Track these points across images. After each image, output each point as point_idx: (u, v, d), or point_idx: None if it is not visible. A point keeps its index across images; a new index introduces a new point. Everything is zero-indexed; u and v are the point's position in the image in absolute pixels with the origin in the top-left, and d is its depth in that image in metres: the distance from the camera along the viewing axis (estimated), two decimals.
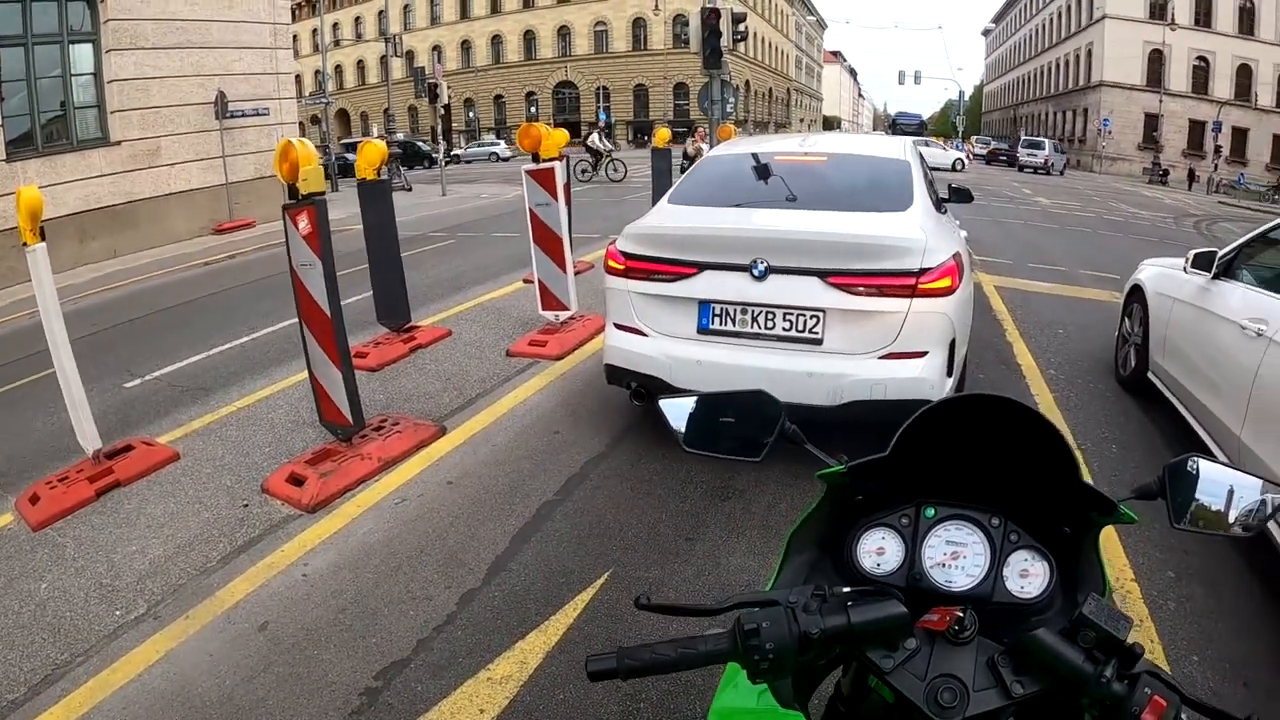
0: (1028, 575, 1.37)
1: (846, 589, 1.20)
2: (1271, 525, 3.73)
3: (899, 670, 1.15)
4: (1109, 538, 4.30)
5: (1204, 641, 3.54)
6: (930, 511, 1.44)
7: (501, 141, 56.75)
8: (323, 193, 5.14)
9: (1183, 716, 1.04)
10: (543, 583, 3.99)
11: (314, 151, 5.14)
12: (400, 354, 7.66)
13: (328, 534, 4.60)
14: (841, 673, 1.38)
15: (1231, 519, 1.36)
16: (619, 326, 5.17)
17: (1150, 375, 6.03)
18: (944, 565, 1.40)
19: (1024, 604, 1.35)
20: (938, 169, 42.84)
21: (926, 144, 48.49)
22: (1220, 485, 1.37)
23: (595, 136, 30.70)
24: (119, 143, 17.13)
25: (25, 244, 5.05)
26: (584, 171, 27.93)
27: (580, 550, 4.27)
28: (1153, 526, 4.41)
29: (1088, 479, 1.40)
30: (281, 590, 4.09)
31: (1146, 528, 4.43)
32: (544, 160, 7.76)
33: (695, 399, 1.65)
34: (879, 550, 1.43)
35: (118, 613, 4.03)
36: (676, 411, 1.64)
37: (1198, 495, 1.37)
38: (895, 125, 64.42)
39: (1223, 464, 1.42)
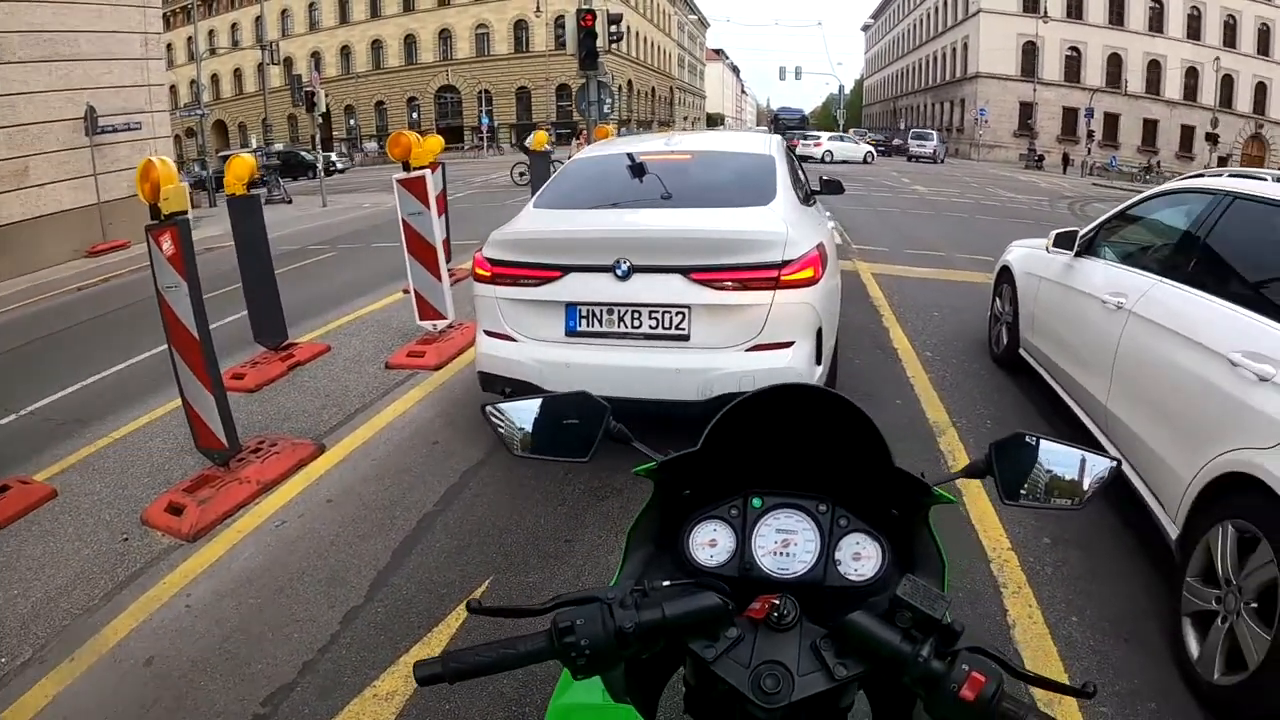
0: (860, 558, 1.44)
1: (666, 583, 1.24)
2: (1137, 481, 3.98)
3: (723, 659, 1.18)
4: (984, 509, 4.54)
5: (1083, 602, 3.76)
6: (758, 501, 1.50)
7: (333, 152, 53.94)
8: (185, 212, 5.07)
9: (1005, 689, 1.06)
10: (425, 595, 4.04)
11: (174, 170, 5.06)
12: (279, 373, 7.57)
13: (209, 562, 4.56)
14: (684, 666, 1.40)
15: (1057, 492, 1.45)
16: (489, 333, 5.22)
17: (1022, 352, 6.33)
18: (775, 553, 1.46)
19: (858, 586, 1.42)
20: (849, 161, 44.02)
21: (841, 138, 49.65)
22: (1048, 458, 1.46)
23: (573, 145, 29.77)
24: None
25: None
26: (522, 175, 26.74)
27: (461, 560, 4.33)
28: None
29: (899, 463, 1.46)
30: (166, 623, 4.06)
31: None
32: (415, 169, 7.74)
33: (524, 403, 1.67)
34: (711, 542, 1.49)
35: (2, 660, 3.95)
36: (506, 417, 1.66)
37: (1027, 470, 1.46)
38: (778, 120, 65.18)
39: (1053, 439, 1.50)
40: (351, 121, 74.96)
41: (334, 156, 50.05)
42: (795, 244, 4.64)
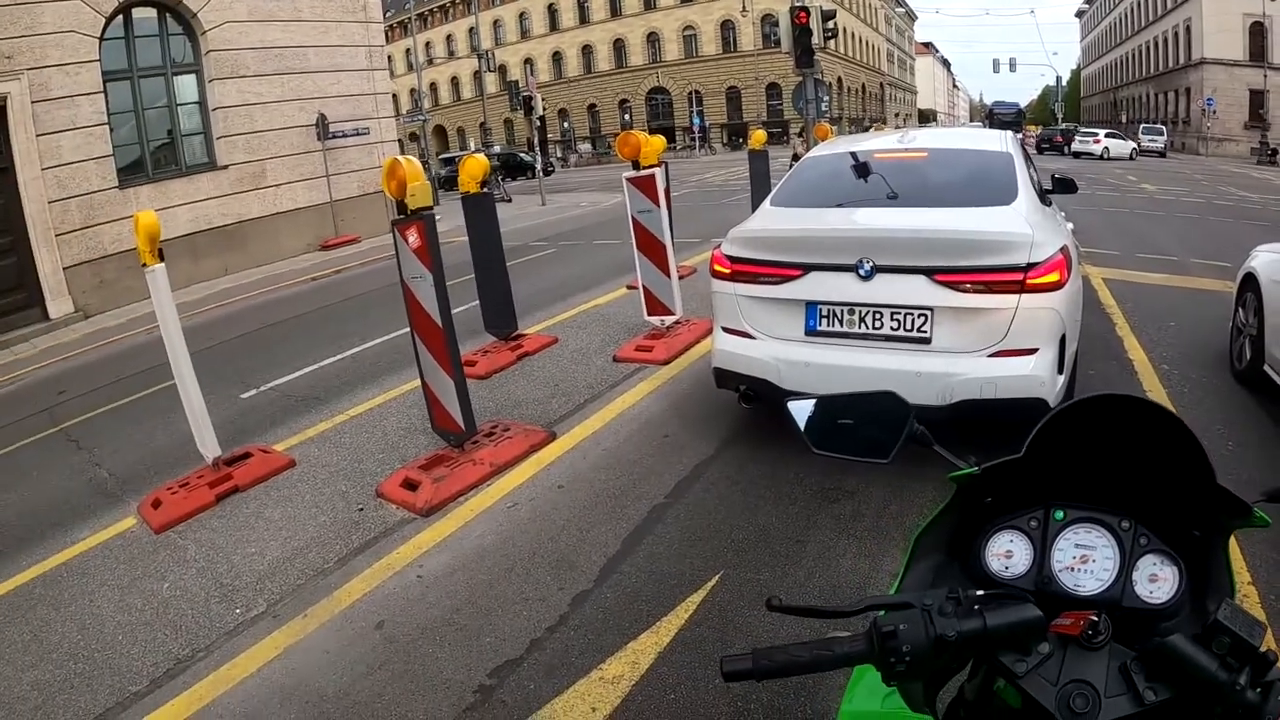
0: (1157, 580, 1.34)
1: (980, 592, 1.18)
2: None
3: (1031, 675, 1.13)
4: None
5: None
6: (1059, 514, 1.41)
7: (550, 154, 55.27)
8: (430, 207, 5.25)
9: None
10: (654, 584, 3.99)
11: (420, 168, 5.24)
12: (508, 361, 7.75)
13: (442, 537, 4.67)
14: (968, 676, 1.34)
15: None
16: (727, 330, 5.14)
17: (1267, 368, 5.76)
18: (1072, 569, 1.37)
19: (1153, 609, 1.32)
20: (1119, 158, 43.30)
21: (1114, 136, 48.95)
22: None
23: (795, 143, 28.67)
24: (226, 166, 17.79)
25: (145, 264, 5.27)
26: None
27: (691, 552, 4.25)
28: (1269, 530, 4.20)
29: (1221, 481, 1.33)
30: (397, 590, 4.17)
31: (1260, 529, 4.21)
32: (644, 167, 7.79)
33: (817, 401, 1.64)
34: (1007, 554, 1.41)
35: (238, 611, 4.16)
36: (802, 413, 1.63)
37: None
38: (993, 115, 62.98)
39: None
40: (565, 124, 76.96)
41: (553, 160, 51.49)
42: (1041, 246, 4.39)
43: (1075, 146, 48.88)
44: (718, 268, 5.11)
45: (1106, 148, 46.51)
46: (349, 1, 20.29)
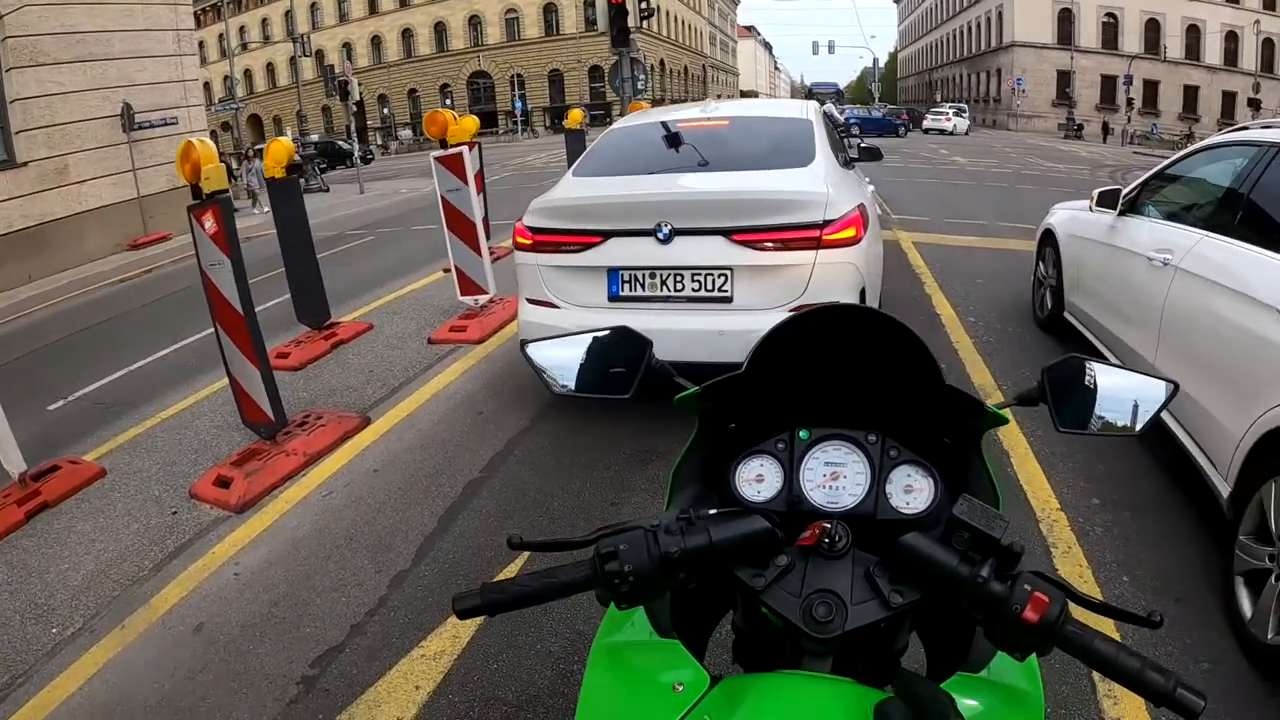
0: (912, 490, 1.38)
1: (712, 511, 1.18)
2: (1187, 440, 3.91)
3: (772, 588, 1.14)
4: (1032, 471, 4.49)
5: (1133, 563, 3.70)
6: (804, 434, 1.44)
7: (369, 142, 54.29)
8: (226, 190, 5.15)
9: (1069, 613, 1.01)
10: (471, 558, 4.07)
11: (214, 150, 5.13)
12: (322, 351, 7.65)
13: (257, 532, 4.62)
14: (734, 611, 1.37)
15: (1117, 417, 1.39)
16: (531, 301, 5.23)
17: (1066, 315, 6.24)
18: (824, 486, 1.40)
19: (910, 519, 1.35)
20: (955, 133, 45.25)
21: (958, 113, 50.94)
22: (1102, 383, 1.41)
23: (829, 107, 28.07)
24: (25, 164, 16.68)
25: None
26: None
27: (506, 524, 4.34)
28: (1074, 457, 4.59)
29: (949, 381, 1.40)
30: (214, 591, 4.12)
31: (1069, 458, 4.59)
32: (452, 145, 7.78)
33: (554, 342, 1.61)
34: (758, 478, 1.43)
35: (54, 630, 4.03)
36: (546, 356, 1.61)
37: (1081, 397, 1.40)
38: (812, 95, 64.86)
39: (1107, 363, 1.45)
40: (385, 110, 75.37)
41: (373, 147, 50.25)
42: (836, 204, 4.62)
43: (927, 124, 51.53)
44: (519, 239, 5.18)
45: (955, 124, 50.06)
46: None
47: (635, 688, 1.28)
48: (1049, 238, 6.80)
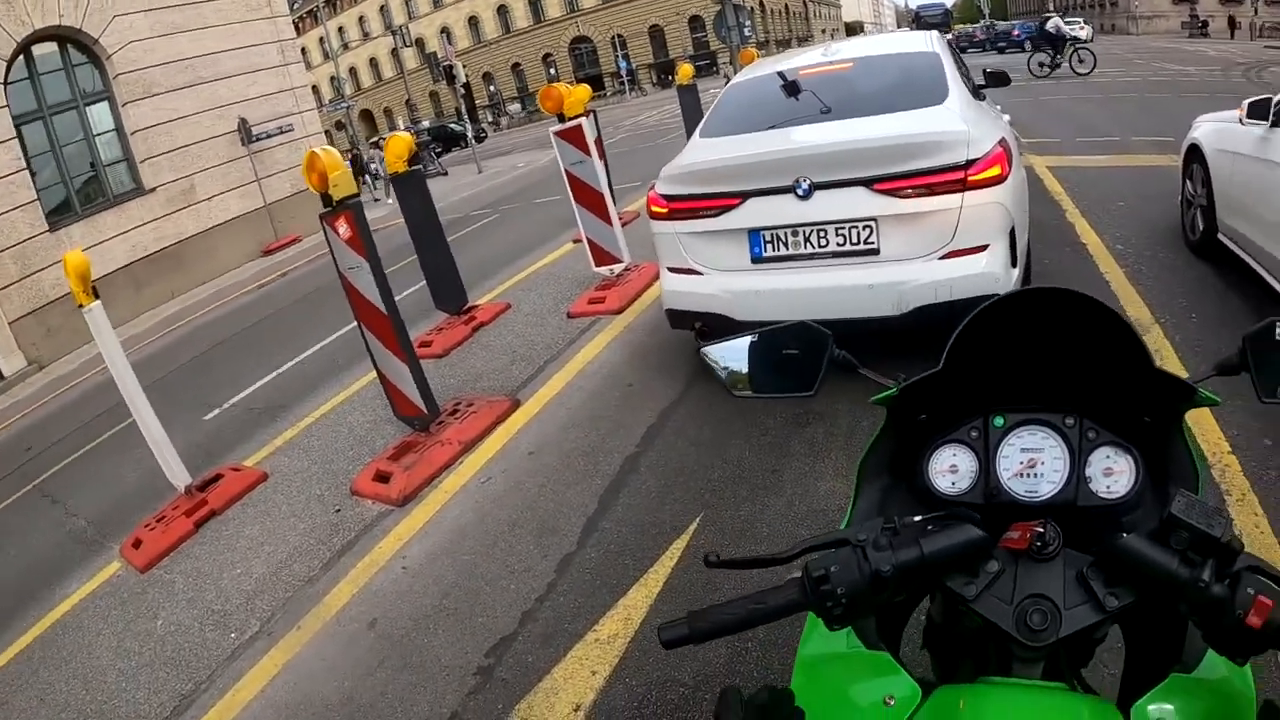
0: (1112, 474, 1.27)
1: (918, 518, 1.13)
2: None
3: (984, 596, 1.08)
4: (1199, 415, 4.11)
5: None
6: (999, 420, 1.34)
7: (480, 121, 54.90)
8: (356, 194, 5.17)
9: None
10: (636, 537, 3.98)
11: (339, 157, 5.15)
12: (464, 336, 7.67)
13: (421, 524, 4.64)
14: (929, 600, 1.32)
15: None
16: (673, 270, 5.08)
17: (1220, 237, 5.74)
18: (1022, 475, 1.30)
19: (1112, 504, 1.25)
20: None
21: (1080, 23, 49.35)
22: None
23: (1056, 22, 24.87)
24: (154, 189, 17.44)
25: (81, 305, 5.16)
26: (1041, 65, 24.04)
27: (669, 499, 4.24)
28: (1241, 394, 4.21)
29: (1160, 364, 1.28)
30: (385, 586, 4.15)
31: (1236, 396, 4.22)
32: (570, 118, 7.67)
33: (738, 341, 1.54)
34: (951, 469, 1.34)
35: (233, 635, 4.13)
36: (722, 357, 1.54)
37: None
38: (919, 19, 62.82)
39: None
40: (492, 88, 76.07)
41: (485, 125, 50.99)
42: (978, 141, 4.32)
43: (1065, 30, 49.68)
44: (654, 208, 5.04)
45: (1087, 31, 47.35)
46: (252, 0, 19.81)
47: (845, 704, 1.24)
48: (1195, 154, 6.25)
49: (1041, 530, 1.07)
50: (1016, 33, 48.10)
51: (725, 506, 4.04)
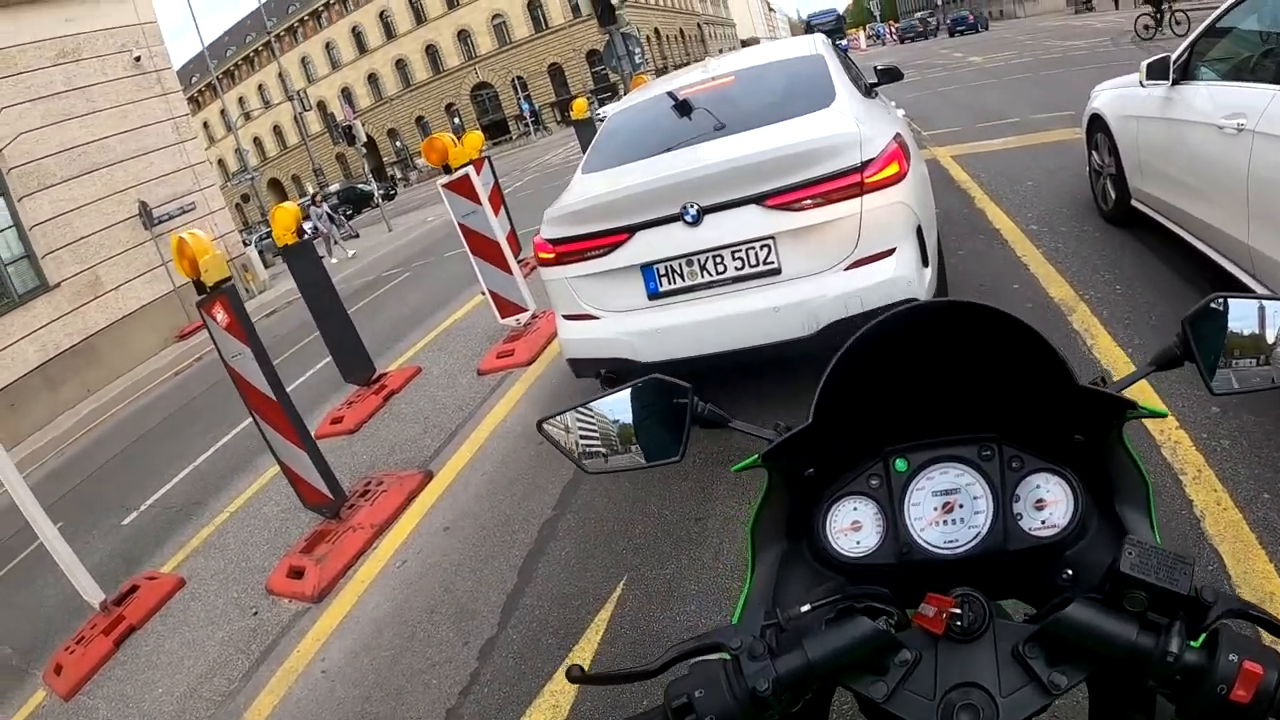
0: (1045, 505, 1.08)
1: (805, 608, 0.95)
2: None
3: (899, 694, 0.90)
4: (1139, 387, 4.03)
5: (1272, 474, 3.21)
6: (901, 464, 1.14)
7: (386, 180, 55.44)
8: (229, 278, 4.97)
9: None
10: (558, 611, 3.79)
11: (207, 241, 4.97)
12: (375, 407, 7.50)
13: (338, 620, 4.45)
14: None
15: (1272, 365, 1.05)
16: (568, 317, 4.86)
17: (1134, 203, 5.74)
18: (937, 524, 1.11)
19: (1050, 542, 1.06)
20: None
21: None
22: (1243, 324, 1.07)
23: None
24: (58, 284, 16.93)
25: None
26: (1147, 28, 22.33)
27: (590, 565, 4.06)
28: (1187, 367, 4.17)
29: (1090, 380, 1.10)
30: (304, 695, 3.95)
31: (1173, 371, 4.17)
32: (455, 169, 7.51)
33: (584, 409, 1.31)
34: (854, 525, 1.14)
35: None
36: (567, 431, 1.32)
37: (1229, 344, 1.07)
38: (811, 28, 63.95)
39: (1252, 295, 1.11)
40: (398, 143, 76.10)
41: (394, 182, 51.20)
42: (871, 141, 4.17)
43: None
44: (541, 254, 4.81)
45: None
46: (142, 80, 19.44)
47: None
48: (1098, 123, 6.27)
49: (957, 610, 0.91)
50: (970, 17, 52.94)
51: (649, 566, 3.86)
